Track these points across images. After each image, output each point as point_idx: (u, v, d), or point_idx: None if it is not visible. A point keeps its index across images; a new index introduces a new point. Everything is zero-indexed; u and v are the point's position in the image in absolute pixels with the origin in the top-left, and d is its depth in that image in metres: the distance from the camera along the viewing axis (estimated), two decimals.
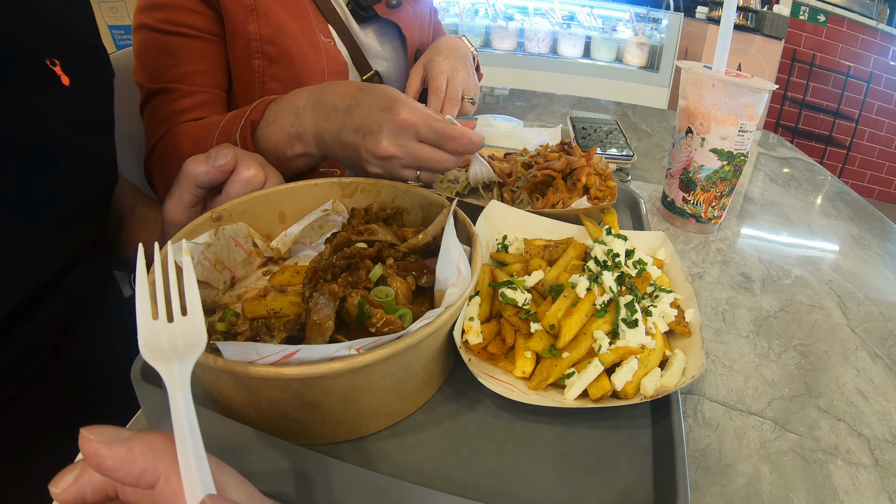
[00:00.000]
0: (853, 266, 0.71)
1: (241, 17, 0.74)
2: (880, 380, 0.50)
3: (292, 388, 0.33)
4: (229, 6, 0.73)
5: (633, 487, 0.37)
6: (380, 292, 0.42)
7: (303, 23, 0.79)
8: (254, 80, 0.77)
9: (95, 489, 0.23)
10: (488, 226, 0.57)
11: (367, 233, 0.49)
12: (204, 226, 0.47)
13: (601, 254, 0.51)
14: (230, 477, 0.24)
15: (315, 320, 0.37)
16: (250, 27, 0.74)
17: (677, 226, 0.77)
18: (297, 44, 0.77)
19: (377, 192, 0.55)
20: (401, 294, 0.43)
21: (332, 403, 0.35)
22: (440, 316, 0.36)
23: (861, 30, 3.25)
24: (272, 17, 0.75)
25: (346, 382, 0.34)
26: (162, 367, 0.25)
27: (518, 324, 0.45)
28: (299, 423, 0.36)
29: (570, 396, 0.41)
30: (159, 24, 0.73)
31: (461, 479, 0.36)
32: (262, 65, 0.77)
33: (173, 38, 0.73)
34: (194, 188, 0.51)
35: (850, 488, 0.39)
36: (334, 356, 0.32)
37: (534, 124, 1.16)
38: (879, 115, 3.35)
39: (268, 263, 0.54)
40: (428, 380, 0.41)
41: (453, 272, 0.40)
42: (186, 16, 0.73)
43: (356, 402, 0.36)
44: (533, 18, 3.00)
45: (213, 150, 0.51)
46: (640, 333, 0.44)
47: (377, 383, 0.36)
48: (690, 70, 0.69)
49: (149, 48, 0.75)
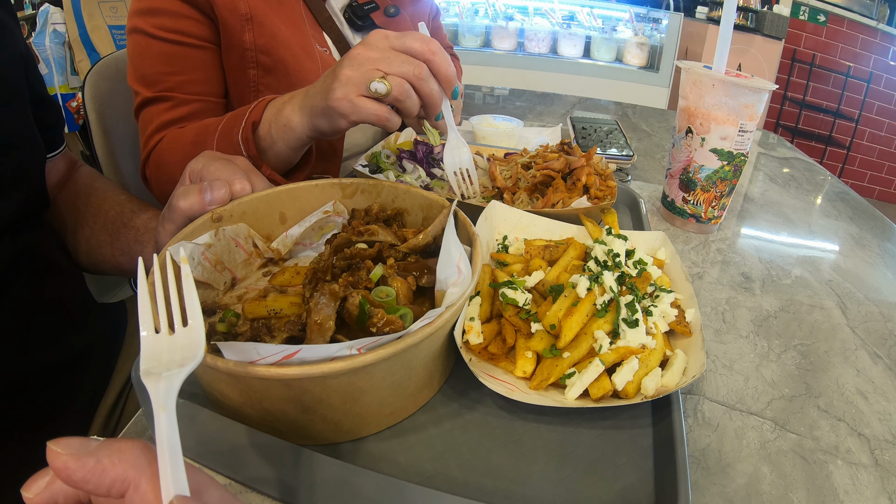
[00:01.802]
0: (853, 266, 0.71)
1: (237, 27, 0.73)
2: (880, 380, 0.50)
3: (293, 388, 0.33)
4: (225, 16, 0.73)
5: (634, 487, 0.37)
6: (380, 292, 0.42)
7: (298, 32, 0.79)
8: (248, 89, 0.77)
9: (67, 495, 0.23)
10: (488, 226, 0.57)
11: (368, 233, 0.49)
12: (204, 226, 0.47)
13: (601, 254, 0.51)
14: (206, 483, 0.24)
15: (316, 320, 0.37)
16: (245, 37, 0.74)
17: (677, 226, 0.77)
18: (292, 54, 0.77)
19: (377, 193, 0.55)
20: (401, 294, 0.43)
21: (332, 403, 0.35)
22: (441, 315, 0.36)
23: (861, 30, 3.25)
24: (268, 26, 0.75)
25: (347, 382, 0.34)
26: (151, 385, 0.25)
27: (519, 324, 0.45)
28: (299, 424, 0.36)
29: (571, 396, 0.41)
30: (155, 29, 0.72)
31: (462, 479, 0.36)
32: (256, 74, 0.77)
33: (169, 46, 0.73)
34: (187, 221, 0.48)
35: (850, 488, 0.39)
36: (335, 356, 0.32)
37: (534, 124, 1.16)
38: (879, 115, 3.35)
39: (268, 264, 0.54)
40: (428, 380, 0.41)
41: (454, 272, 0.40)
42: (182, 23, 0.73)
43: (357, 402, 0.36)
44: (533, 18, 3.00)
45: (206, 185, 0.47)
46: (640, 333, 0.44)
47: (378, 383, 0.36)
48: (690, 70, 0.69)
49: (144, 54, 0.74)
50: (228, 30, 0.74)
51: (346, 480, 0.32)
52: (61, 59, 2.38)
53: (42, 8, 2.32)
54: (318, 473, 0.33)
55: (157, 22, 0.72)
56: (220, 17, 0.73)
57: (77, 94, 2.39)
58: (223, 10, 0.72)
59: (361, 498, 0.31)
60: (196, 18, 0.73)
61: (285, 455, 0.34)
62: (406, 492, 0.32)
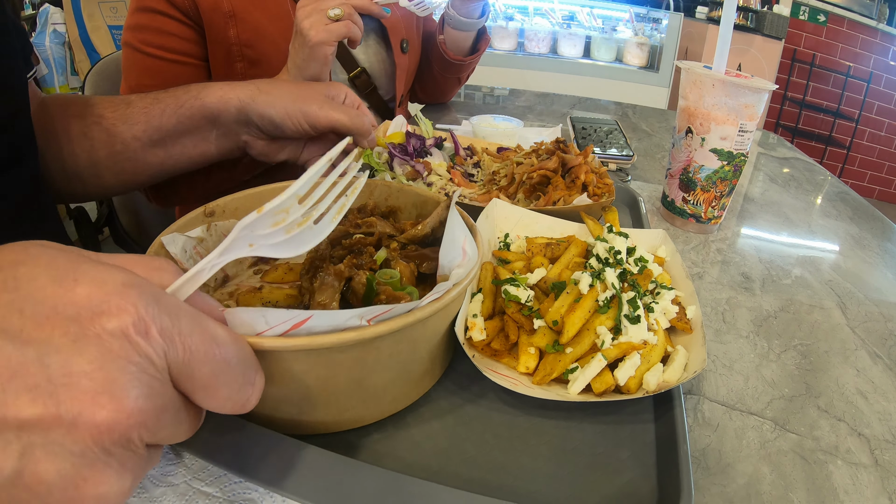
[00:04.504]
0: (853, 266, 0.71)
1: (221, 24, 0.78)
2: (880, 380, 0.50)
3: (300, 364, 0.32)
4: (209, 14, 0.76)
5: (636, 482, 0.37)
6: (384, 274, 0.42)
7: (282, 25, 0.81)
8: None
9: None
10: (490, 224, 0.58)
11: (366, 225, 0.49)
12: (196, 220, 0.46)
13: (603, 251, 0.52)
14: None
15: (320, 301, 0.37)
16: (230, 32, 0.78)
17: (677, 226, 0.77)
18: (276, 47, 0.80)
19: (370, 193, 0.56)
20: (405, 277, 0.43)
21: (338, 383, 0.35)
22: (448, 292, 0.36)
23: (861, 30, 3.25)
24: (250, 21, 0.79)
25: (355, 359, 0.34)
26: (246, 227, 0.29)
27: (521, 320, 0.46)
28: (301, 409, 0.36)
29: (574, 391, 0.41)
30: (141, 45, 0.77)
31: (466, 475, 0.37)
32: (243, 67, 0.81)
33: (152, 60, 0.77)
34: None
35: (850, 488, 0.39)
36: (346, 325, 0.31)
37: (534, 124, 1.16)
38: (879, 115, 3.36)
39: (258, 262, 0.53)
40: (431, 366, 0.41)
41: (458, 254, 0.40)
42: (164, 39, 0.77)
43: (361, 384, 0.36)
44: (533, 18, 3.00)
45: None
46: (642, 329, 0.44)
47: (384, 362, 0.35)
48: (690, 70, 0.69)
49: (131, 67, 0.79)
50: (213, 28, 0.78)
51: (352, 476, 0.32)
52: (61, 59, 2.38)
53: (42, 8, 2.33)
54: (323, 469, 0.33)
55: (142, 37, 0.77)
56: (205, 17, 0.77)
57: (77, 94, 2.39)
58: (207, 10, 0.76)
59: (368, 493, 0.31)
60: (179, 34, 0.77)
61: (289, 450, 0.34)
62: (412, 487, 0.32)
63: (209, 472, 0.34)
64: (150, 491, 0.33)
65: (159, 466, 0.35)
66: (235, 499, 0.33)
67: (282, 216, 0.30)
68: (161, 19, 0.75)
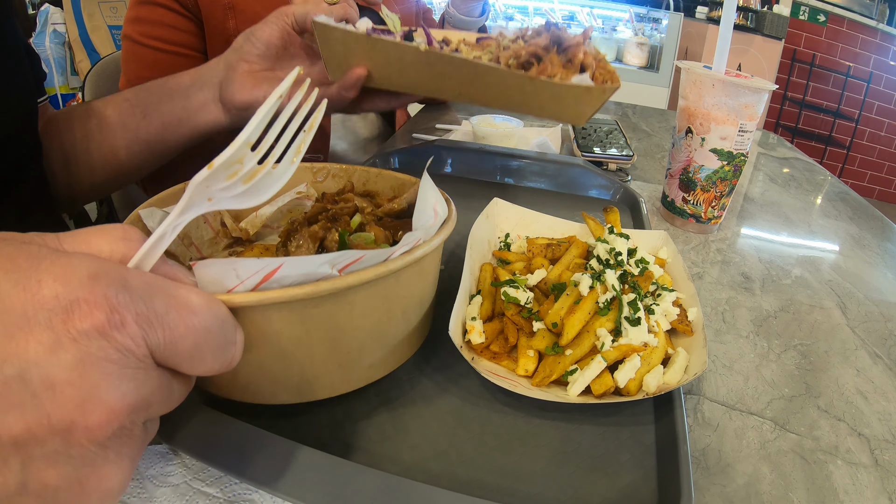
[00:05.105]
0: (853, 266, 0.71)
1: (220, 16, 0.78)
2: (880, 380, 0.50)
3: (273, 324, 0.32)
4: (208, 6, 0.77)
5: (636, 485, 0.37)
6: (359, 238, 0.41)
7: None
8: None
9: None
10: (490, 224, 0.58)
11: (343, 201, 0.49)
12: (175, 197, 0.45)
13: (604, 252, 0.52)
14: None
15: None
16: (229, 24, 0.79)
17: (677, 226, 0.77)
18: None
19: (348, 178, 0.56)
20: (380, 241, 0.43)
21: (312, 343, 0.34)
22: (419, 246, 0.35)
23: (861, 30, 3.25)
24: (249, 13, 0.80)
25: (328, 313, 0.33)
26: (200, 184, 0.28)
27: (521, 322, 0.46)
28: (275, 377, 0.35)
29: (574, 392, 0.41)
30: (140, 37, 0.77)
31: (466, 477, 0.37)
32: None
33: (153, 52, 0.77)
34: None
35: (850, 488, 0.39)
36: (317, 271, 0.31)
37: (534, 124, 1.16)
38: (879, 115, 3.36)
39: (234, 245, 0.53)
40: (406, 332, 0.41)
41: (430, 216, 0.39)
42: (164, 31, 0.77)
43: (337, 342, 0.35)
44: (533, 18, 3.00)
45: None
46: (642, 331, 0.44)
47: (357, 322, 0.35)
48: (690, 70, 0.69)
49: (131, 60, 0.79)
50: (212, 20, 0.78)
51: (351, 479, 0.32)
52: (61, 59, 2.38)
53: (42, 8, 2.33)
54: (322, 472, 0.33)
55: (141, 29, 0.77)
56: (204, 9, 0.77)
57: (77, 94, 2.39)
58: (206, 2, 0.77)
59: (368, 496, 0.31)
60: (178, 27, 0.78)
61: (286, 452, 0.34)
62: (412, 490, 0.32)
63: (209, 472, 0.34)
64: (149, 491, 0.33)
65: (159, 466, 0.35)
66: (236, 499, 0.33)
67: (236, 167, 0.29)
68: (161, 11, 0.76)
